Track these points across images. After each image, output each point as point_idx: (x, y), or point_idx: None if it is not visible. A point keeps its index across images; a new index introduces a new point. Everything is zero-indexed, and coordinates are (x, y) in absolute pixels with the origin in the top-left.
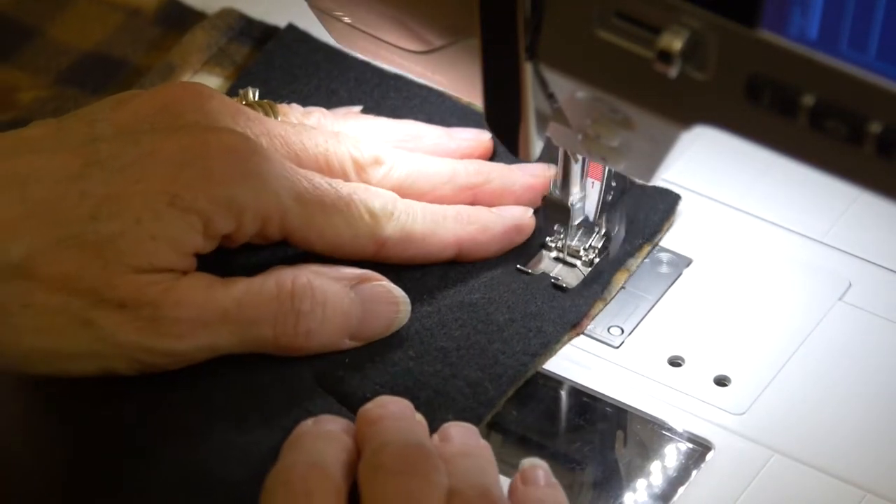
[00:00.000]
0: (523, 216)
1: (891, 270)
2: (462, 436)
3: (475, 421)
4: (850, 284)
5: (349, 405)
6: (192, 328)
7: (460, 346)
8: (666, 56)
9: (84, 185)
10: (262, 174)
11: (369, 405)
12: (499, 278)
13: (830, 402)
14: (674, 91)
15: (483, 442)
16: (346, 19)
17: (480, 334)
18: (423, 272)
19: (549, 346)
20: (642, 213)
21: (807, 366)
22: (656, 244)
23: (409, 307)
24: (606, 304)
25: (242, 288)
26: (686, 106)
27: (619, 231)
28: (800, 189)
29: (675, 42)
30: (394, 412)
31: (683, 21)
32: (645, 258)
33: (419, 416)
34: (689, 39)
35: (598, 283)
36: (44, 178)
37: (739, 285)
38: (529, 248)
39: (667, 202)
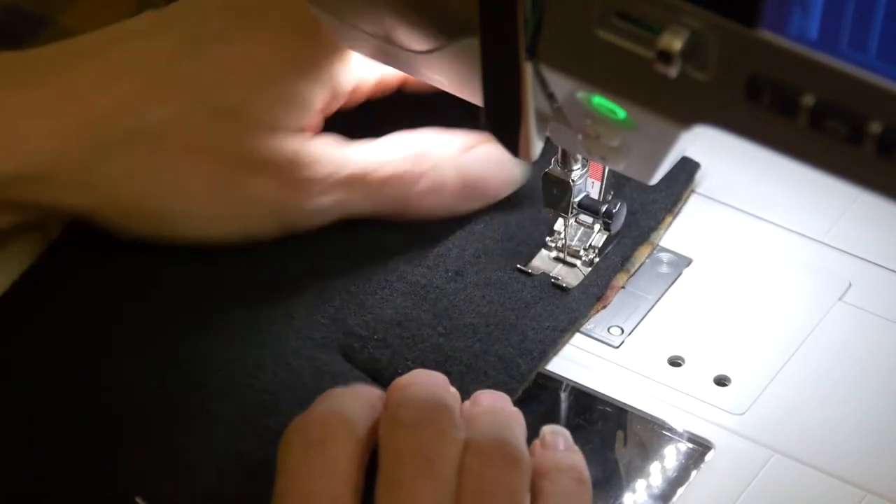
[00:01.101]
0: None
1: (891, 270)
2: (492, 399)
3: (508, 395)
4: (850, 284)
5: (381, 383)
6: (328, 187)
7: (489, 322)
8: (666, 56)
9: (206, 55)
10: None
11: (404, 376)
12: (523, 260)
13: (830, 402)
14: (674, 91)
15: (514, 408)
16: (346, 18)
17: (509, 311)
18: (447, 250)
19: (577, 320)
20: (663, 184)
21: (807, 366)
22: (678, 214)
23: (526, 168)
24: (630, 277)
25: (369, 149)
26: (686, 106)
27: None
28: (800, 189)
29: (675, 42)
30: (425, 380)
31: (683, 21)
32: (666, 230)
33: (453, 390)
34: (689, 39)
35: (619, 256)
36: (166, 54)
37: (739, 285)
38: (529, 247)
39: (687, 171)
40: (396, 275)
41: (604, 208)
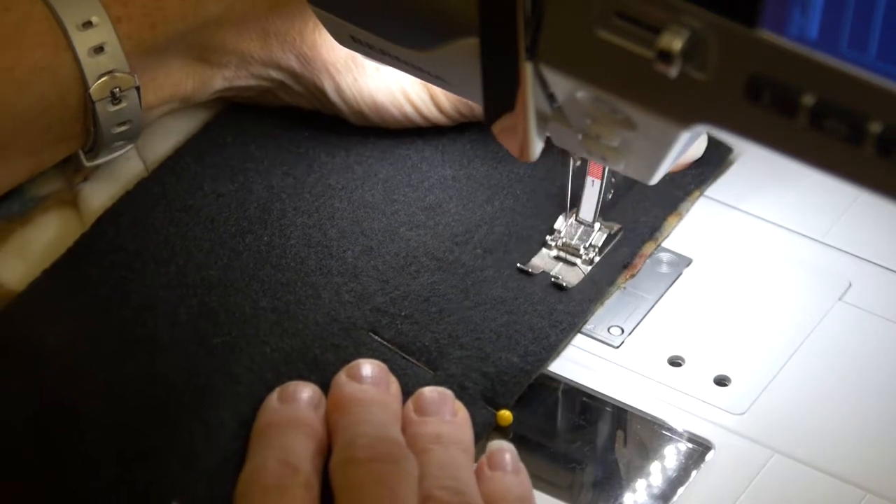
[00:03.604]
0: None
1: (891, 270)
2: (437, 407)
3: (538, 365)
4: (850, 284)
5: (409, 354)
6: None
7: (517, 296)
8: (666, 56)
9: None
10: None
11: (343, 377)
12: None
13: (830, 402)
14: (674, 91)
15: (461, 413)
16: (347, 18)
17: (536, 286)
18: (475, 226)
19: (606, 290)
20: (695, 162)
21: (807, 366)
22: (704, 191)
23: None
24: (658, 245)
25: None
26: (686, 106)
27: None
28: (800, 189)
29: (675, 42)
30: (365, 391)
31: (683, 21)
32: (694, 203)
33: (394, 387)
34: (689, 39)
35: (647, 227)
36: None
37: (739, 285)
38: (529, 247)
39: (719, 153)
40: (423, 251)
41: (603, 229)
